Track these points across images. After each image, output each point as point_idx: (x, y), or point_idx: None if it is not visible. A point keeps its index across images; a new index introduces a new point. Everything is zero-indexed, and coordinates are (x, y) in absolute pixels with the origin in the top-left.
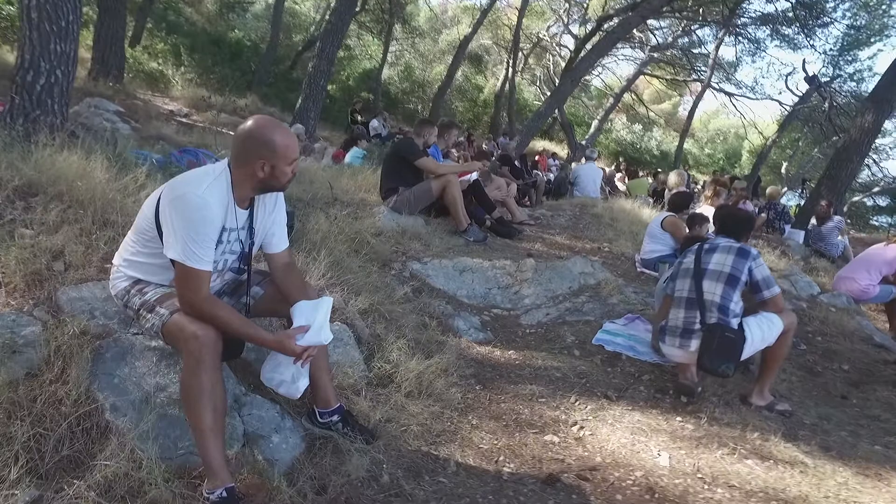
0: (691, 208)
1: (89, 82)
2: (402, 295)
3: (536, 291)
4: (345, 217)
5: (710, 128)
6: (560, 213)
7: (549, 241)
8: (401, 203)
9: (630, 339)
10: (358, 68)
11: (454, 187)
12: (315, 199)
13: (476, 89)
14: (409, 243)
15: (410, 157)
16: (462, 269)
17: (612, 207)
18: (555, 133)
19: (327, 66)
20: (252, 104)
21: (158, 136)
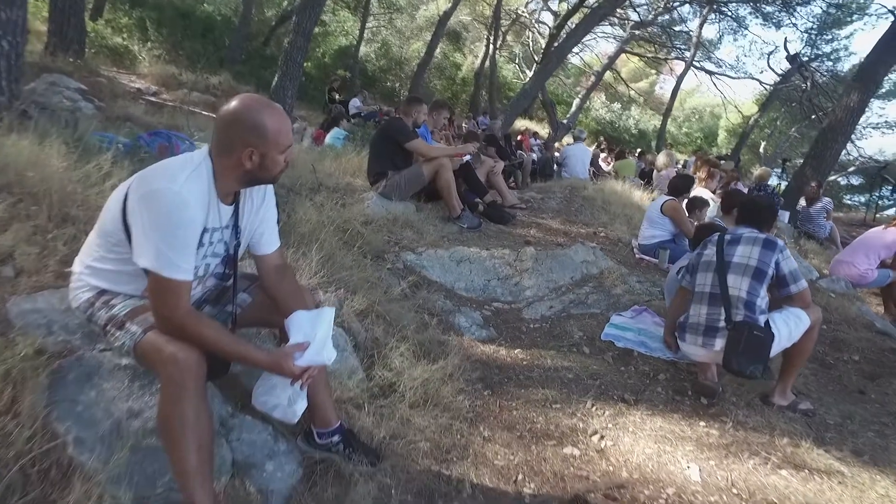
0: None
1: (46, 57)
2: (399, 292)
3: (538, 282)
4: (332, 205)
5: (686, 106)
6: (550, 196)
7: (543, 226)
8: (390, 188)
9: (640, 333)
10: (334, 45)
11: (447, 171)
12: (299, 186)
13: (454, 67)
14: (401, 232)
15: (401, 138)
16: (459, 260)
17: (604, 189)
18: (534, 112)
19: (304, 42)
20: (225, 82)
21: (126, 116)
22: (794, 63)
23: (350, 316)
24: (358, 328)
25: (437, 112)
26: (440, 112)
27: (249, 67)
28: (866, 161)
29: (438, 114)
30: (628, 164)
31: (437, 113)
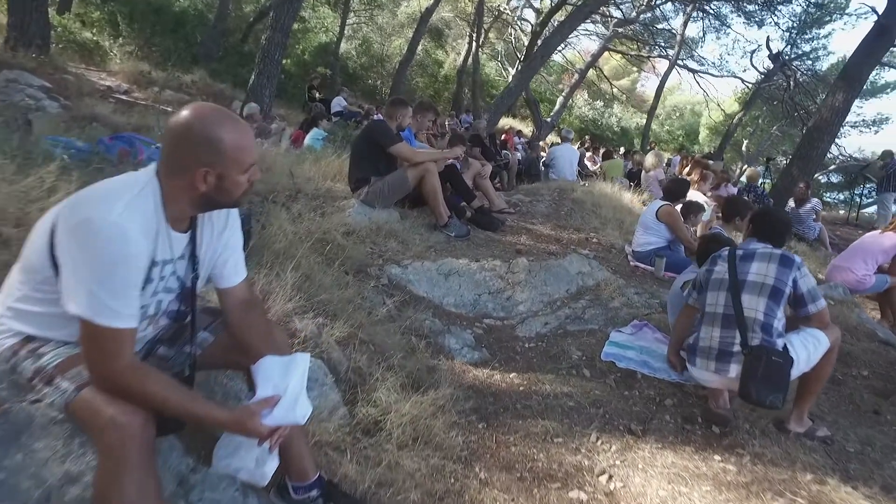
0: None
1: (6, 53)
2: (384, 313)
3: (531, 296)
4: (311, 214)
5: (667, 104)
6: (538, 199)
7: (534, 232)
8: (373, 195)
9: (642, 352)
10: (314, 42)
11: (433, 177)
12: (274, 193)
13: (436, 64)
14: (385, 243)
15: (384, 142)
16: (447, 273)
17: (593, 192)
18: (517, 110)
19: (282, 38)
20: (200, 80)
21: (91, 116)
22: (776, 62)
23: (330, 344)
24: (339, 358)
25: (422, 114)
26: (425, 114)
27: (226, 65)
28: (847, 160)
29: (423, 116)
30: (616, 164)
31: (421, 115)
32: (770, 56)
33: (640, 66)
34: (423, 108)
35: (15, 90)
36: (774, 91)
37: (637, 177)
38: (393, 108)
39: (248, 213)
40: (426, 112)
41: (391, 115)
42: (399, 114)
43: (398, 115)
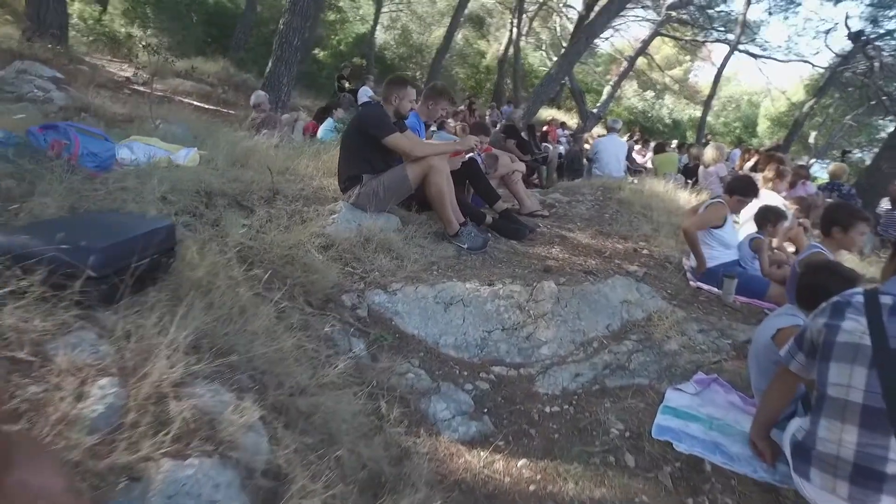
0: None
1: (23, 43)
2: (345, 367)
3: (559, 334)
4: (284, 221)
5: (722, 95)
6: (579, 199)
7: (569, 241)
8: (366, 197)
9: (711, 426)
10: (351, 33)
11: (438, 175)
12: (248, 194)
13: (478, 54)
14: (372, 259)
15: (377, 132)
16: (448, 301)
17: (643, 190)
18: (562, 101)
19: (301, 22)
20: (223, 70)
21: (83, 107)
22: (856, 42)
23: (239, 429)
24: (254, 448)
25: (434, 100)
26: (438, 100)
27: (254, 55)
28: None
29: (435, 102)
30: (669, 158)
31: (433, 101)
32: (849, 36)
33: (695, 54)
34: (436, 92)
35: (24, 81)
36: (850, 76)
37: (693, 173)
38: (389, 90)
39: (170, 228)
40: (439, 98)
41: (388, 97)
42: (396, 96)
43: (395, 97)
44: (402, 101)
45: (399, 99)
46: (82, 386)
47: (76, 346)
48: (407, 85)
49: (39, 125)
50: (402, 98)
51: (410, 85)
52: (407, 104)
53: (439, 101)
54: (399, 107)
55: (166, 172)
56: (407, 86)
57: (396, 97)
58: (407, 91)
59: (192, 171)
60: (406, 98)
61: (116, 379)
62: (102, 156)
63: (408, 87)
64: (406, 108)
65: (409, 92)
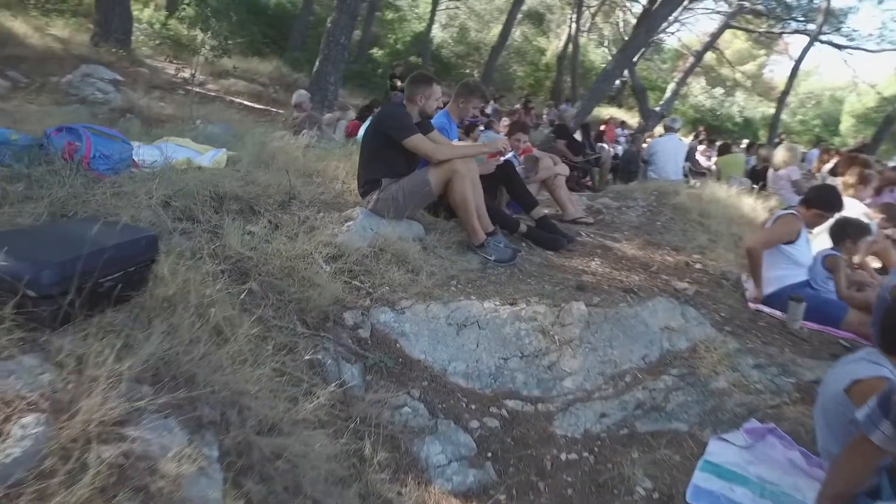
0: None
1: (92, 48)
2: (323, 399)
3: (586, 364)
4: (292, 229)
5: (799, 90)
6: (630, 204)
7: (612, 252)
8: (384, 203)
9: (762, 491)
10: (408, 31)
11: (462, 180)
12: (263, 198)
13: (537, 51)
14: (384, 272)
15: (396, 132)
16: (462, 322)
17: (702, 196)
18: (624, 99)
19: (349, 21)
20: (275, 70)
21: (129, 108)
22: None
23: (180, 476)
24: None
25: (465, 98)
26: (470, 98)
27: (308, 55)
28: None
29: (467, 101)
30: (734, 160)
31: (464, 99)
32: None
33: (770, 47)
34: (467, 90)
35: (87, 84)
36: None
37: (762, 176)
38: (412, 88)
39: (150, 239)
40: (470, 95)
41: (412, 96)
42: (420, 94)
43: (420, 96)
44: (428, 100)
45: (424, 98)
46: (4, 423)
47: (12, 374)
48: (432, 83)
49: (55, 127)
50: (427, 97)
51: (436, 83)
52: (433, 103)
53: (471, 99)
54: (424, 106)
55: (181, 175)
56: (432, 84)
57: (422, 96)
58: (432, 89)
59: (210, 174)
60: (432, 97)
61: (45, 416)
62: (116, 158)
63: (433, 86)
64: (432, 108)
65: (434, 90)
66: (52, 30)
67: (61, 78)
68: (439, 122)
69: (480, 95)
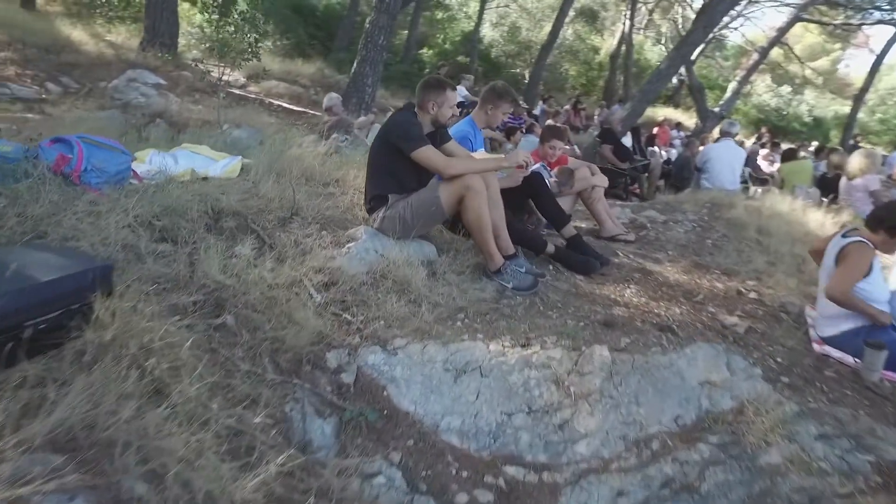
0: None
1: (140, 53)
2: (273, 470)
3: (606, 424)
4: (290, 248)
5: (880, 87)
6: (678, 218)
7: (653, 278)
8: (391, 222)
9: None
10: (458, 30)
11: (477, 198)
12: (264, 213)
13: (591, 50)
14: (381, 303)
15: (403, 143)
16: (461, 368)
17: (761, 209)
18: (681, 98)
19: (388, 21)
20: (317, 72)
21: (158, 112)
22: None
23: None
24: None
25: (493, 104)
26: (497, 104)
27: (352, 55)
28: None
29: (495, 106)
30: (801, 167)
31: (491, 105)
32: None
33: (847, 41)
34: (496, 94)
35: (132, 88)
36: None
37: (834, 186)
38: (423, 94)
39: (101, 270)
40: (500, 101)
41: (422, 103)
42: (432, 101)
43: (431, 102)
44: (441, 107)
45: (437, 106)
46: None
47: None
48: (445, 88)
49: (50, 138)
50: (440, 104)
51: (450, 88)
52: (447, 111)
53: (500, 105)
54: (437, 114)
55: (180, 189)
56: (446, 89)
57: (433, 103)
58: (446, 96)
59: (213, 186)
60: (445, 104)
61: None
62: (111, 170)
63: (446, 91)
64: (445, 116)
65: (448, 97)
66: (108, 36)
67: (108, 83)
68: (461, 132)
69: (510, 100)
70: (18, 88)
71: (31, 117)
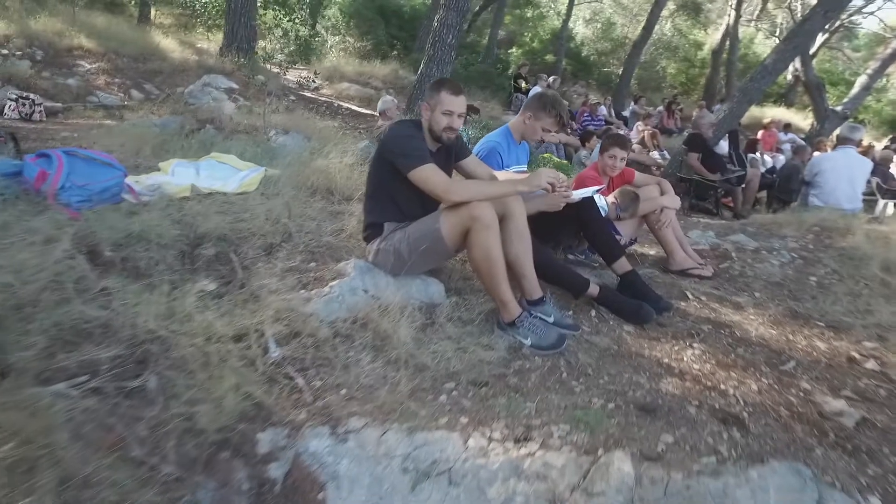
0: None
1: (219, 58)
2: None
3: None
4: (261, 286)
5: None
6: (774, 245)
7: (727, 331)
8: (385, 257)
9: None
10: (548, 29)
11: (484, 232)
12: (253, 238)
13: (693, 46)
14: (349, 363)
15: (399, 160)
16: (423, 471)
17: (890, 237)
18: (797, 97)
19: (456, 18)
20: (391, 73)
21: (211, 118)
22: None
23: None
24: None
25: (534, 114)
26: (539, 115)
27: None
28: None
29: (535, 118)
30: None
31: (531, 115)
32: None
33: None
34: (539, 104)
35: (205, 93)
36: None
37: None
38: (430, 97)
39: None
40: (541, 112)
41: (428, 107)
42: (426, 105)
43: (425, 107)
44: (434, 112)
45: (430, 110)
46: None
47: None
48: (441, 89)
49: (36, 153)
50: (432, 108)
51: (449, 90)
52: (440, 117)
53: (541, 116)
54: (430, 121)
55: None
56: (441, 90)
57: (427, 108)
58: (439, 98)
59: (208, 205)
60: (438, 108)
61: None
62: (96, 187)
63: (441, 93)
64: (439, 125)
65: (442, 99)
66: (200, 43)
67: (185, 89)
68: (489, 144)
69: (555, 116)
70: (105, 96)
71: (109, 123)
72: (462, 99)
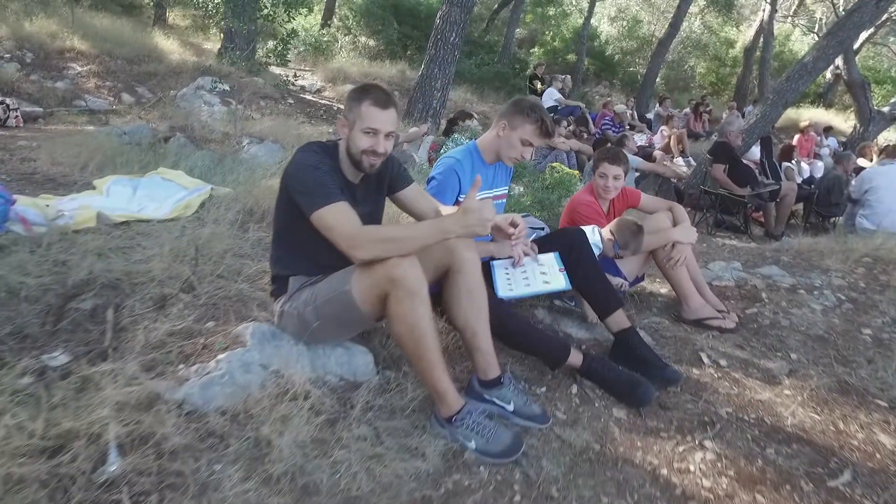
0: None
1: (217, 59)
2: None
3: None
4: (127, 362)
5: None
6: (815, 282)
7: (753, 418)
8: (290, 321)
9: None
10: (570, 28)
11: (407, 301)
12: (143, 288)
13: (724, 44)
14: (208, 485)
15: (301, 199)
16: None
17: None
18: (836, 96)
19: (461, 15)
20: (398, 74)
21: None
22: None
23: None
24: None
25: (510, 122)
26: (516, 122)
27: None
28: None
29: (511, 127)
30: None
31: (505, 127)
32: None
33: None
34: (517, 110)
35: (197, 96)
36: None
37: None
38: (348, 108)
39: None
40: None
41: (345, 123)
42: (354, 124)
43: (342, 122)
44: (353, 130)
45: (347, 127)
46: None
47: None
48: (363, 99)
49: None
50: (351, 124)
51: (373, 101)
52: (360, 138)
53: (518, 123)
54: (349, 143)
55: (36, 247)
56: (362, 101)
57: (344, 123)
58: (360, 111)
59: (104, 241)
60: (358, 124)
61: None
62: None
63: (363, 105)
64: (358, 146)
65: (364, 113)
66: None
67: (177, 91)
68: (447, 164)
69: (534, 119)
70: (93, 100)
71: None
72: (391, 113)
